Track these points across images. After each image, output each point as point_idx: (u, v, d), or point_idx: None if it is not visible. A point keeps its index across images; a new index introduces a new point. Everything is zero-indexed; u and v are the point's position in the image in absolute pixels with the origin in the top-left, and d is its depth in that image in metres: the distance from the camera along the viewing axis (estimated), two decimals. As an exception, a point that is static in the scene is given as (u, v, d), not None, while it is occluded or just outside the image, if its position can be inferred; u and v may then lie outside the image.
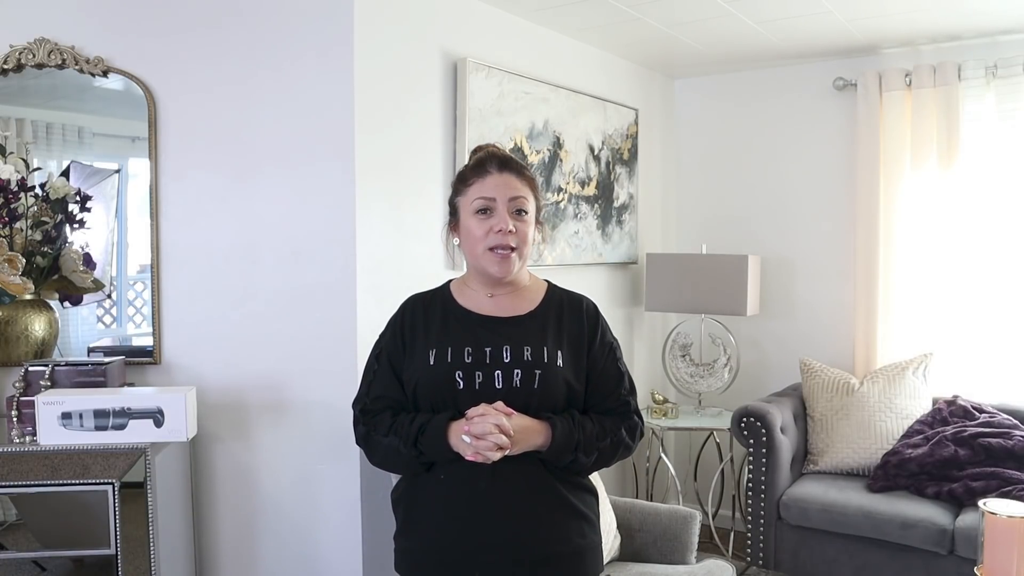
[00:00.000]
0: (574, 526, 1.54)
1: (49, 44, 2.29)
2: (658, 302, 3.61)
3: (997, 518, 1.40)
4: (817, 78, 3.73)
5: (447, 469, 1.50)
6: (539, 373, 1.49)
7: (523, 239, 1.55)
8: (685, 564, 2.49)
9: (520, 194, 1.55)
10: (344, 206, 2.37)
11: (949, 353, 3.38)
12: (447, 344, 1.53)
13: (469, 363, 1.50)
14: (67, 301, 2.32)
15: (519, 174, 1.57)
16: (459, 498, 1.49)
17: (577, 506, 1.55)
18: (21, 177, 2.19)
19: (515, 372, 1.49)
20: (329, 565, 2.43)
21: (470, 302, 1.59)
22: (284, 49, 2.36)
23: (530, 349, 1.51)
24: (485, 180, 1.55)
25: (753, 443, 3.11)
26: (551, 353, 1.52)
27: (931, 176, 3.39)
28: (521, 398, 1.48)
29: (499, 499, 1.47)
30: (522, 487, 1.48)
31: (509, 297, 1.59)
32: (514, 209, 1.54)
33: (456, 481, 1.49)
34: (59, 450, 1.94)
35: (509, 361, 1.50)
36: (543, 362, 1.50)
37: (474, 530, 1.48)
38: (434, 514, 1.53)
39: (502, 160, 1.58)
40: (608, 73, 3.62)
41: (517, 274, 1.58)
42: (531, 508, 1.49)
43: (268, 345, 2.38)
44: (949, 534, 2.70)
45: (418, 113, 2.63)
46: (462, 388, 1.49)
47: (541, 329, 1.55)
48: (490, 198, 1.53)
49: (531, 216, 1.58)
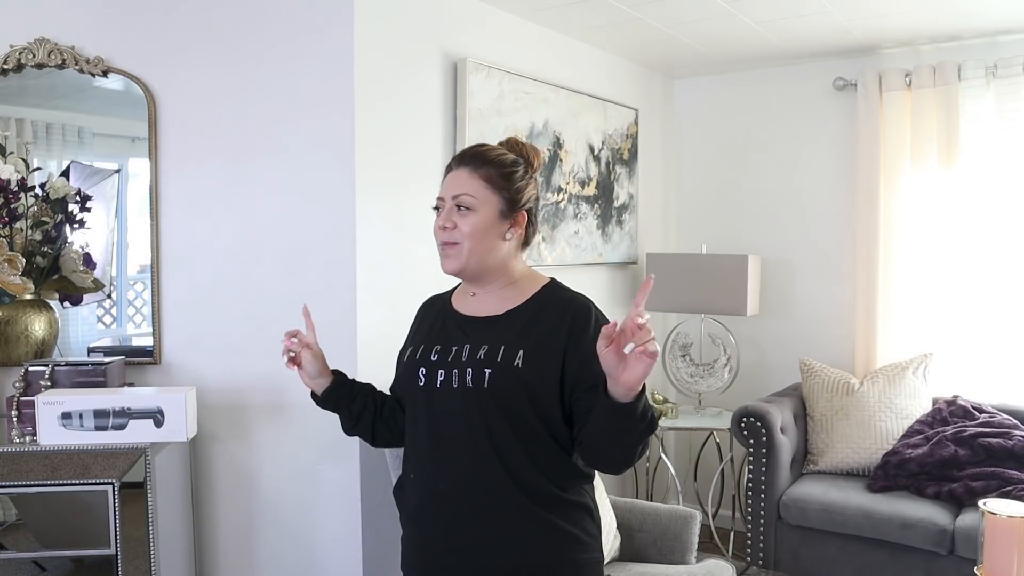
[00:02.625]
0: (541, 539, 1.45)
1: (49, 44, 2.29)
2: (658, 302, 3.61)
3: (997, 518, 1.40)
4: (817, 78, 3.73)
5: (415, 469, 1.53)
6: (489, 372, 1.45)
7: (466, 234, 1.49)
8: (685, 564, 2.49)
9: (463, 191, 1.50)
10: (344, 206, 2.37)
11: (949, 353, 3.38)
12: (422, 342, 1.56)
13: (434, 360, 1.51)
14: (67, 301, 2.32)
15: (473, 168, 1.52)
16: (422, 498, 1.52)
17: (547, 517, 1.46)
18: (21, 177, 2.19)
19: (468, 370, 1.47)
20: (329, 565, 2.43)
21: (460, 303, 1.60)
22: (284, 49, 2.36)
23: (486, 348, 1.47)
24: (446, 178, 1.55)
25: (753, 443, 3.11)
26: (508, 353, 1.46)
27: (931, 176, 3.39)
28: (475, 397, 1.45)
29: (458, 501, 1.47)
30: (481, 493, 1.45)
31: (492, 296, 1.56)
32: (455, 205, 1.51)
33: (420, 480, 1.52)
34: (59, 450, 1.94)
35: (465, 360, 1.48)
36: (495, 361, 1.45)
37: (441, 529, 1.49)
38: (410, 514, 1.56)
39: (463, 155, 1.56)
40: (608, 73, 3.62)
41: (479, 268, 1.53)
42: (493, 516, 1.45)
43: (268, 345, 2.37)
44: (949, 534, 2.70)
45: (418, 113, 2.63)
46: (423, 384, 1.50)
47: (506, 329, 1.50)
48: (441, 197, 1.54)
49: (479, 209, 1.50)
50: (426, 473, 1.51)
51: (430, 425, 1.50)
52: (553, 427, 1.46)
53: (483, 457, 1.45)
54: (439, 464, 1.49)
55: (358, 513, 2.39)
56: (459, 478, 1.47)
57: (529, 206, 1.57)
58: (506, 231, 1.53)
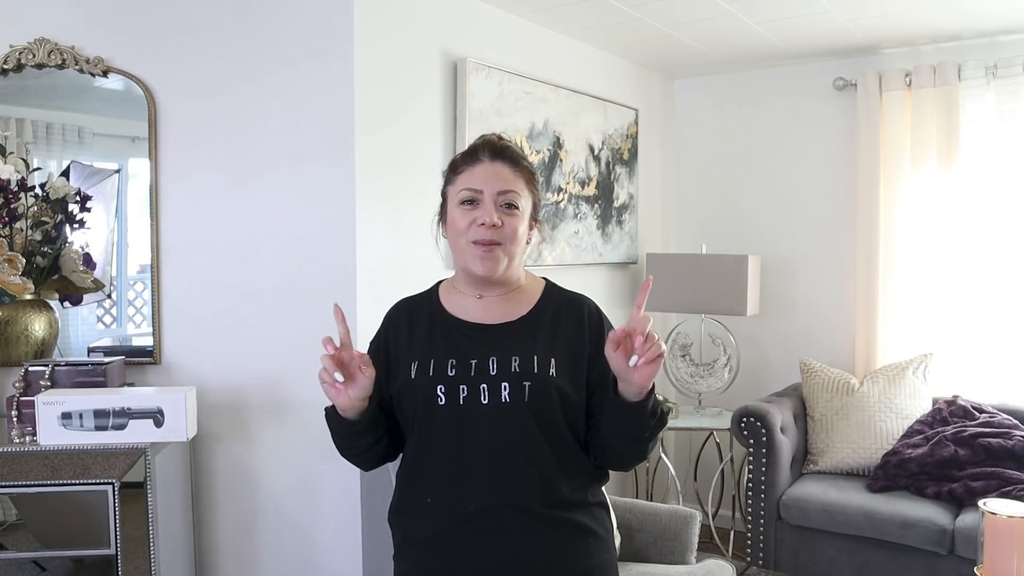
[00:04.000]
0: (579, 546, 1.40)
1: (49, 44, 2.29)
2: (658, 302, 3.61)
3: (997, 518, 1.39)
4: (817, 78, 3.73)
5: (433, 492, 1.38)
6: (528, 385, 1.35)
7: (511, 236, 1.39)
8: (685, 564, 2.49)
9: (510, 187, 1.40)
10: (344, 206, 2.37)
11: (949, 353, 3.38)
12: (430, 356, 1.40)
13: (452, 376, 1.36)
14: (67, 301, 2.32)
15: (514, 165, 1.42)
16: (447, 522, 1.36)
17: (579, 521, 1.41)
18: (21, 177, 2.19)
19: (502, 385, 1.35)
20: (329, 565, 2.43)
21: (457, 307, 1.46)
22: (284, 49, 2.36)
23: (519, 359, 1.37)
24: (474, 169, 1.41)
25: (753, 443, 3.11)
26: (542, 362, 1.38)
27: (931, 176, 3.39)
28: (511, 413, 1.35)
29: (490, 522, 1.35)
30: (514, 509, 1.35)
31: (499, 301, 1.46)
32: (503, 203, 1.39)
33: (443, 503, 1.37)
34: (59, 450, 1.94)
35: (496, 373, 1.36)
36: (533, 373, 1.36)
37: (467, 555, 1.36)
38: (423, 541, 1.40)
39: (496, 148, 1.43)
40: (608, 73, 3.62)
41: (505, 274, 1.43)
42: (527, 531, 1.35)
43: (268, 345, 2.38)
44: (949, 534, 2.70)
45: (418, 113, 2.64)
46: (444, 403, 1.36)
47: (532, 336, 1.41)
48: (476, 189, 1.39)
49: (523, 212, 1.42)
50: (450, 497, 1.37)
51: (455, 445, 1.36)
52: (578, 432, 1.42)
53: (518, 472, 1.36)
54: (466, 486, 1.36)
55: (358, 513, 2.39)
56: (491, 497, 1.35)
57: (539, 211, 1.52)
58: (530, 235, 1.47)
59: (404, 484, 1.45)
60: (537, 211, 1.49)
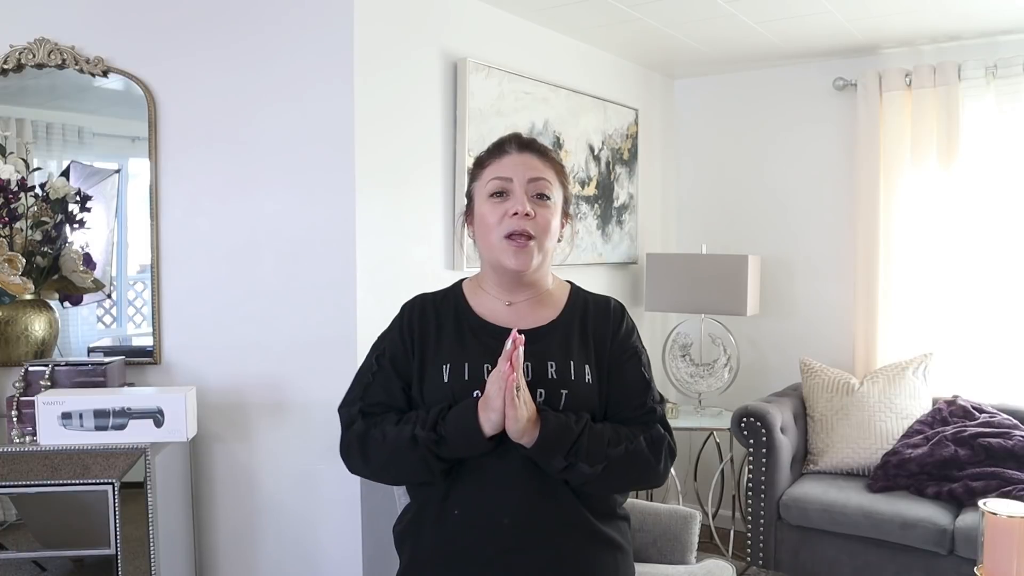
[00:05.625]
0: (608, 560, 1.36)
1: (49, 44, 2.28)
2: (658, 302, 3.61)
3: (997, 518, 1.39)
4: (817, 78, 3.73)
5: (463, 504, 1.32)
6: (565, 393, 1.31)
7: (543, 228, 1.34)
8: (685, 564, 2.49)
9: (541, 175, 1.35)
10: (344, 206, 2.37)
11: (949, 353, 3.38)
12: (463, 359, 1.35)
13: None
14: (67, 301, 2.32)
15: (543, 156, 1.38)
16: (478, 536, 1.30)
17: (611, 536, 1.37)
18: (21, 177, 2.19)
19: (538, 392, 1.30)
20: (329, 565, 2.43)
21: (486, 310, 1.41)
22: (284, 48, 2.36)
23: (554, 365, 1.33)
24: (502, 160, 1.37)
25: (753, 443, 3.11)
26: (578, 368, 1.34)
27: (931, 176, 3.39)
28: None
29: (525, 536, 1.29)
30: (551, 522, 1.30)
31: (529, 304, 1.41)
32: (534, 192, 1.34)
33: (475, 516, 1.31)
34: (59, 450, 1.94)
35: (531, 380, 1.31)
36: (570, 380, 1.32)
37: (498, 571, 1.30)
38: (448, 556, 1.33)
39: (523, 140, 1.40)
40: (608, 73, 3.62)
41: (537, 272, 1.39)
42: (562, 545, 1.31)
43: (268, 345, 2.38)
44: (949, 534, 2.70)
45: (418, 113, 2.63)
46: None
47: (565, 341, 1.37)
48: (506, 178, 1.34)
49: (555, 204, 1.37)
50: (482, 509, 1.31)
51: (490, 453, 1.30)
52: None
53: (553, 482, 1.31)
54: (498, 497, 1.31)
55: (358, 513, 2.39)
56: (527, 508, 1.31)
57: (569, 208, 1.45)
58: (561, 232, 1.43)
59: (425, 495, 1.38)
60: (568, 205, 1.44)
